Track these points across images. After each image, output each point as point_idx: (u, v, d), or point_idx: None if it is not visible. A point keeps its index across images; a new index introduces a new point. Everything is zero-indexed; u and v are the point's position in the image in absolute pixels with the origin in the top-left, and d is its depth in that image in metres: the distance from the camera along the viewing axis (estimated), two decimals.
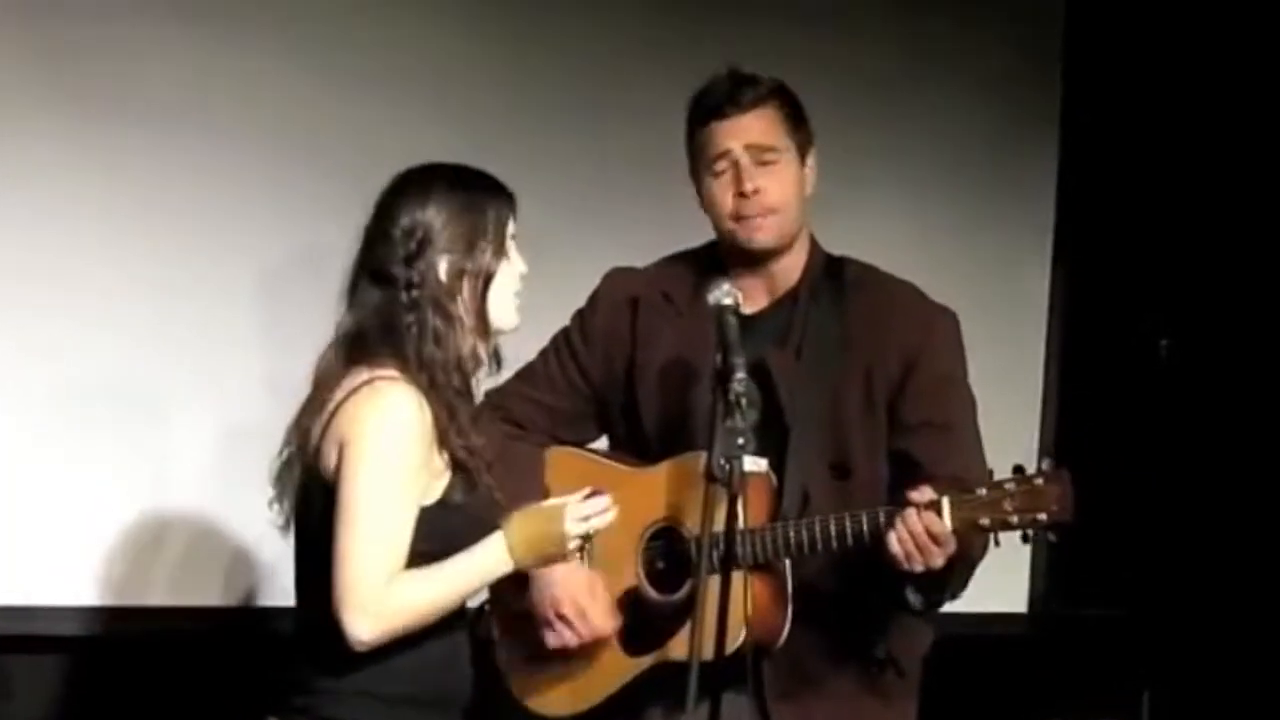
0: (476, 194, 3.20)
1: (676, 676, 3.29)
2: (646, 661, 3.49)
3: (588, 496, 3.21)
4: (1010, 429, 5.38)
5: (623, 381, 3.64)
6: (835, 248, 3.68)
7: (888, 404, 3.52)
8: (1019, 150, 5.52)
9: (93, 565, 4.40)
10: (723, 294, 3.39)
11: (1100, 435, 5.52)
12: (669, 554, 3.50)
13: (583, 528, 3.18)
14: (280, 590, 3.32)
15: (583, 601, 3.47)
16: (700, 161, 3.55)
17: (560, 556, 3.22)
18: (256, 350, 4.43)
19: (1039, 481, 3.26)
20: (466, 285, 3.16)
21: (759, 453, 3.31)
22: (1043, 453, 5.52)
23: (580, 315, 3.72)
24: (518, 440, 3.61)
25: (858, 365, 3.52)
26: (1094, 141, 5.53)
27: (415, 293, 3.12)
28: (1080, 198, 5.57)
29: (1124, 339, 5.55)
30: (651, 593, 3.51)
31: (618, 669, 3.52)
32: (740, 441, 3.19)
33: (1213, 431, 5.48)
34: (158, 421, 4.43)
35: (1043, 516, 3.25)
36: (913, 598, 3.37)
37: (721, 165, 3.51)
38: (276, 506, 3.19)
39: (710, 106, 3.53)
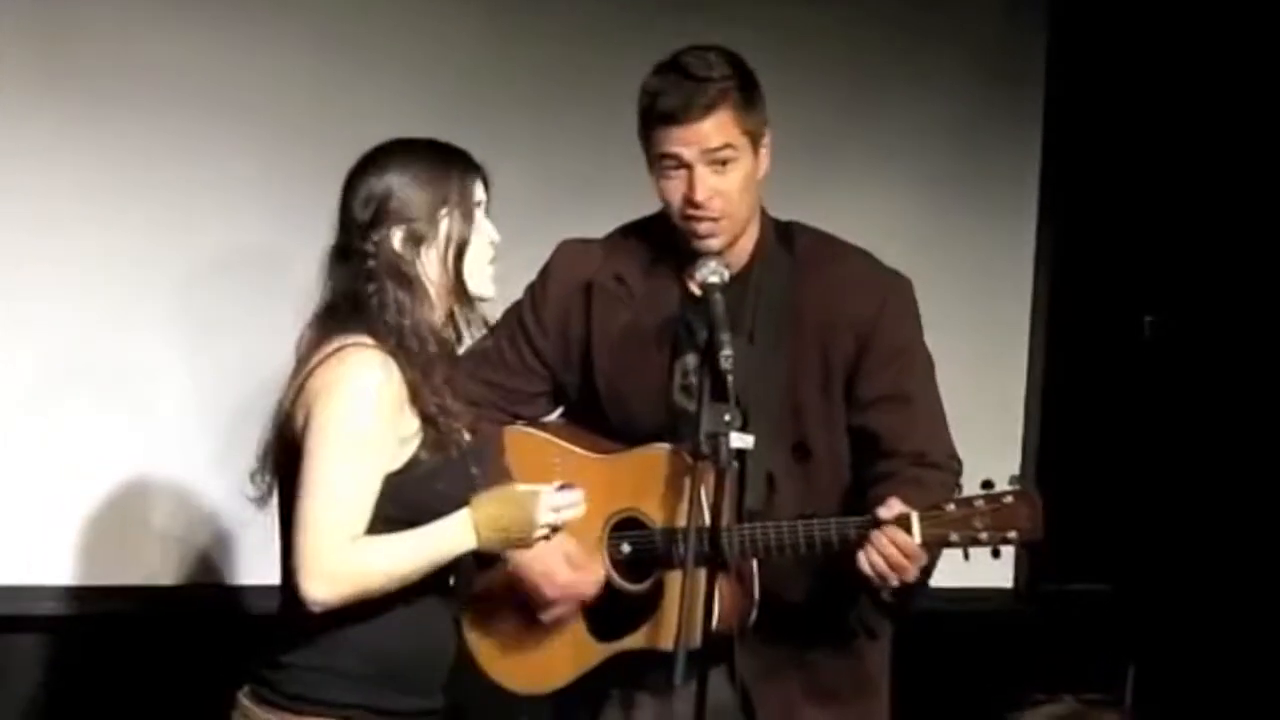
0: (437, 162, 3.18)
1: (654, 661, 3.34)
2: (613, 648, 3.50)
3: (561, 488, 3.19)
4: (995, 407, 5.39)
5: (579, 366, 3.59)
6: (813, 223, 3.63)
7: (844, 381, 3.49)
8: (1003, 126, 5.49)
9: (71, 545, 4.37)
10: (710, 271, 3.38)
11: (1086, 412, 5.52)
12: (634, 544, 3.49)
13: (554, 518, 3.16)
14: (261, 569, 3.30)
15: (564, 576, 3.46)
16: (651, 154, 3.45)
17: (525, 543, 3.19)
18: (237, 329, 4.40)
19: (1008, 500, 3.28)
20: (432, 253, 3.15)
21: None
22: (1027, 432, 5.53)
23: (532, 296, 3.63)
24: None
25: (812, 344, 3.49)
26: (1079, 117, 5.51)
27: (372, 263, 3.12)
28: (1065, 173, 5.55)
29: (1109, 316, 5.54)
30: (621, 582, 3.50)
31: (585, 654, 3.52)
32: (727, 418, 3.21)
33: (1198, 408, 5.47)
34: (137, 401, 4.39)
35: (1012, 535, 3.29)
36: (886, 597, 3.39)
37: (672, 164, 3.42)
38: (257, 479, 3.17)
39: (662, 113, 3.40)
